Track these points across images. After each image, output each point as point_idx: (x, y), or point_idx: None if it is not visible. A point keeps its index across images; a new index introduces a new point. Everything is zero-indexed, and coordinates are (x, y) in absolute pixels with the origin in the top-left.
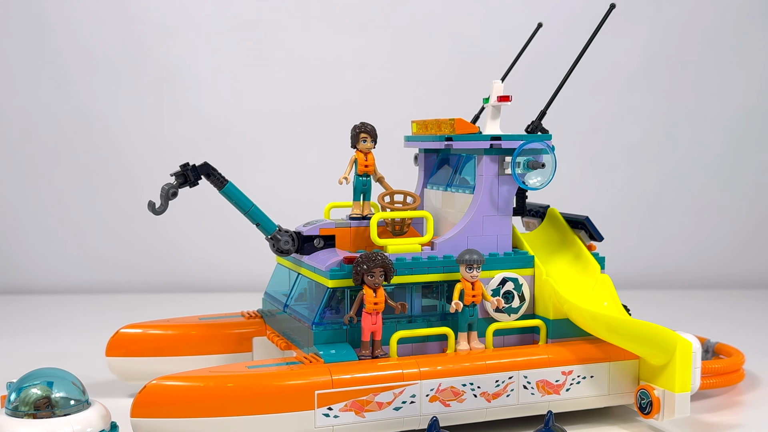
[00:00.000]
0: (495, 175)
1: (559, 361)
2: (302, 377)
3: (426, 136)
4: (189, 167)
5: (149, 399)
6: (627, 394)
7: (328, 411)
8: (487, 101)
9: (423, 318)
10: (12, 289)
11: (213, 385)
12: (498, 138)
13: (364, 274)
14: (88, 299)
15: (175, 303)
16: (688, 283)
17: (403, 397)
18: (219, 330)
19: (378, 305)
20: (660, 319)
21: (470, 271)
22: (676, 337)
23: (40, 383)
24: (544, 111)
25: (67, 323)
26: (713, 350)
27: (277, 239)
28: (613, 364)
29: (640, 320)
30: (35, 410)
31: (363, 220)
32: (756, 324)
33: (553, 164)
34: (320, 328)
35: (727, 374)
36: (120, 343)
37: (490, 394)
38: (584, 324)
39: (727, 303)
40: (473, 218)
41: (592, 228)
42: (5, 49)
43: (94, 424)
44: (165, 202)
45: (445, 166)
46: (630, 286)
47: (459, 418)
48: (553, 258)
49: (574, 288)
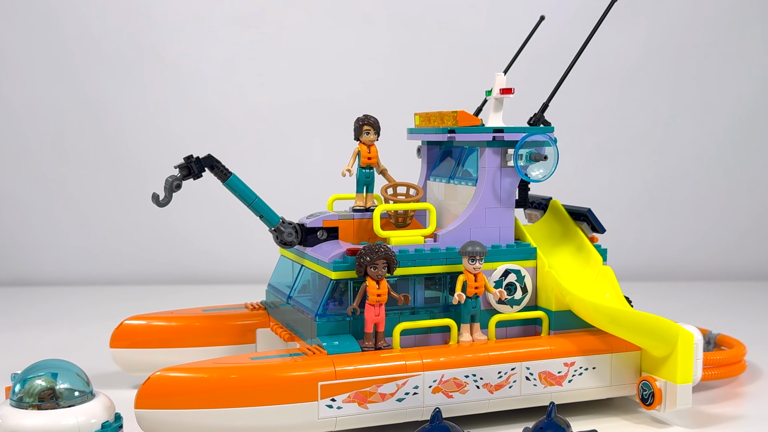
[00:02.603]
0: (497, 167)
1: (561, 353)
2: (305, 368)
3: (429, 129)
4: (193, 159)
5: (153, 390)
6: (629, 386)
7: (332, 402)
8: (490, 94)
9: (426, 309)
10: (17, 281)
11: (217, 376)
12: (501, 130)
13: (367, 265)
14: (93, 291)
15: (179, 295)
16: (690, 275)
17: (406, 388)
18: (223, 321)
19: (381, 297)
20: (662, 310)
21: (473, 263)
22: (678, 329)
23: (44, 375)
24: (547, 103)
25: (72, 315)
26: (715, 341)
27: (281, 231)
28: (615, 355)
29: (642, 312)
30: (40, 401)
31: (366, 212)
32: (757, 315)
33: (555, 156)
34: (323, 320)
35: (729, 365)
36: (124, 335)
37: (493, 386)
38: (586, 315)
39: (729, 294)
40: (476, 210)
41: (594, 220)
42: (11, 41)
43: (99, 415)
44: (169, 194)
45: (448, 158)
46: (632, 277)
47: (462, 410)
48: (556, 250)
49: (577, 280)
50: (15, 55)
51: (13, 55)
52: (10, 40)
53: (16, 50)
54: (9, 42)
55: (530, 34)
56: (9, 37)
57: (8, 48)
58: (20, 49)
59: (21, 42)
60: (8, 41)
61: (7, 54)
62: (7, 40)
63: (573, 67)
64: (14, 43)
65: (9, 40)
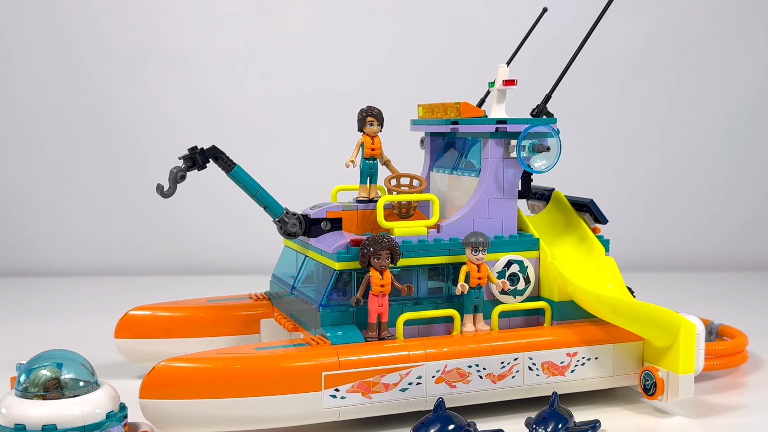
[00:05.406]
0: (500, 158)
1: (563, 343)
2: (309, 359)
3: (432, 120)
4: (197, 150)
5: (158, 380)
6: (631, 376)
7: (335, 392)
8: (493, 85)
9: (429, 300)
10: (22, 272)
11: (221, 366)
12: (503, 122)
13: (370, 256)
14: (97, 281)
15: (184, 285)
16: (692, 266)
17: (409, 378)
18: (227, 312)
19: (384, 287)
20: (664, 301)
21: (476, 254)
22: (680, 319)
23: (49, 365)
24: (549, 95)
25: (77, 305)
26: (717, 332)
27: (285, 222)
28: (618, 345)
29: (644, 302)
30: (45, 391)
31: (369, 203)
32: (759, 306)
33: (558, 147)
34: (327, 310)
35: (731, 356)
36: (129, 325)
37: (496, 376)
38: (589, 306)
39: (731, 285)
40: (479, 201)
41: (597, 211)
42: (16, 33)
43: (103, 405)
44: (173, 185)
45: (451, 149)
46: (634, 268)
47: (465, 399)
48: (558, 240)
49: (579, 270)
50: (20, 47)
51: (18, 47)
52: (15, 32)
53: (21, 42)
54: (14, 34)
55: (533, 25)
56: (15, 29)
57: (14, 40)
58: (25, 42)
59: (26, 34)
60: (13, 33)
61: (12, 46)
62: (12, 32)
63: (576, 58)
64: (19, 35)
65: (14, 32)
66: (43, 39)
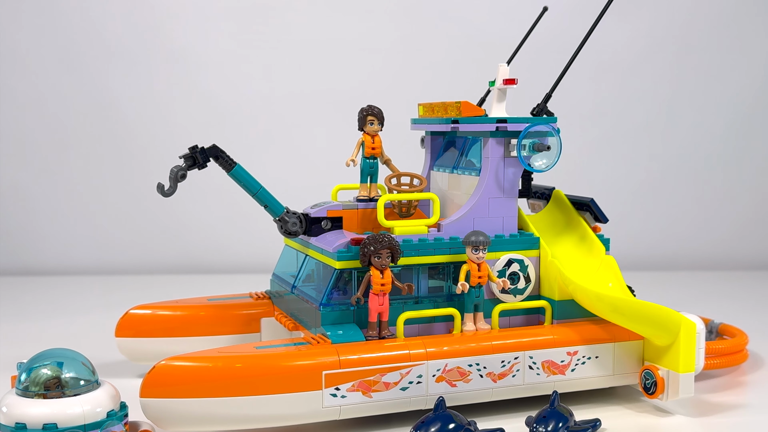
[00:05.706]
0: (501, 157)
1: (564, 342)
2: (310, 358)
3: (432, 119)
4: (198, 149)
5: (158, 379)
6: (631, 375)
7: (336, 391)
8: (493, 84)
9: (429, 299)
10: (23, 271)
11: (221, 365)
12: (504, 121)
13: (371, 255)
14: (98, 280)
15: (184, 284)
16: (693, 265)
17: (409, 377)
18: (227, 311)
19: (385, 286)
20: (664, 300)
21: (476, 253)
22: (681, 318)
23: (50, 363)
24: (550, 94)
25: (77, 304)
26: (717, 331)
27: (285, 221)
28: (618, 344)
29: (644, 301)
30: (45, 390)
31: (370, 202)
32: (759, 305)
33: (558, 147)
34: (328, 309)
35: (731, 354)
36: (129, 324)
37: (496, 375)
38: (589, 305)
39: (731, 284)
40: (479, 200)
41: (597, 210)
42: (17, 33)
43: (104, 404)
44: (174, 184)
45: (452, 148)
46: (634, 267)
47: (465, 398)
48: (559, 239)
49: (579, 269)
50: (22, 46)
51: (19, 46)
52: (15, 32)
53: (21, 42)
54: (15, 33)
55: (533, 24)
56: (16, 29)
57: (15, 39)
58: (26, 41)
59: (27, 33)
60: (15, 33)
61: (12, 46)
62: (12, 31)
63: (576, 57)
64: (20, 35)
65: (15, 31)
66: (44, 38)
